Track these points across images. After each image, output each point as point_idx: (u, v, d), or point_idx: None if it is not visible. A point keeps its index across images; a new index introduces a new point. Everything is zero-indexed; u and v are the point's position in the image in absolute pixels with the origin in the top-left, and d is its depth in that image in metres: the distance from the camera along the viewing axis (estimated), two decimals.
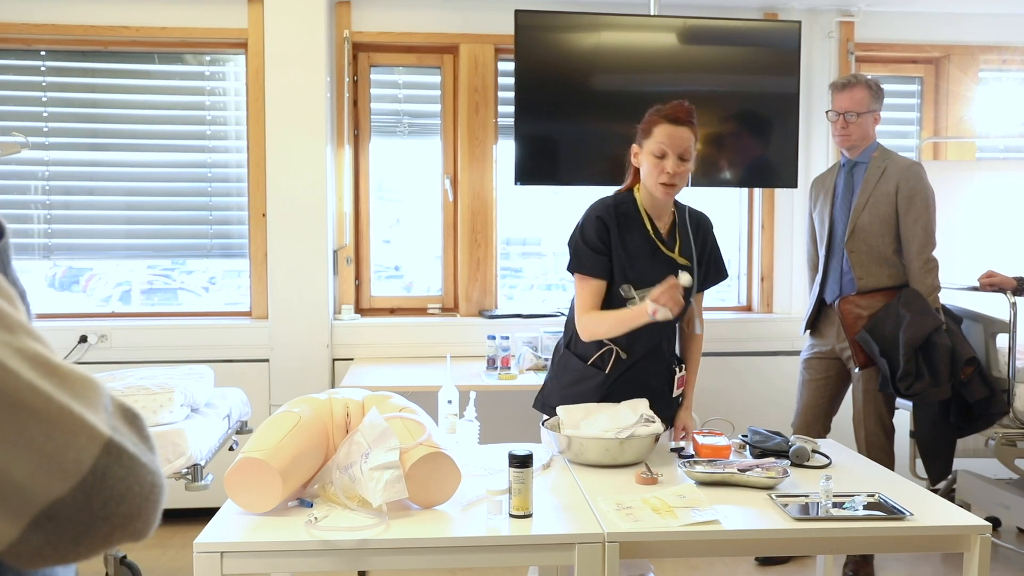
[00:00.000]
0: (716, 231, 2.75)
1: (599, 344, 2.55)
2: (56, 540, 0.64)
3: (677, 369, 2.65)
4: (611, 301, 2.53)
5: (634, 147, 2.56)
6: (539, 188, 4.46)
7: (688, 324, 2.73)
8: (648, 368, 2.59)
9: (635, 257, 2.51)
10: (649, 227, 2.54)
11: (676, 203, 2.63)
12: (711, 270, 2.67)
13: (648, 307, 2.33)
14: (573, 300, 2.59)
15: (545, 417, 2.58)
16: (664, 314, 2.31)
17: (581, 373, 2.58)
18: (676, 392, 2.67)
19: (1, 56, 4.29)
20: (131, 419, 0.70)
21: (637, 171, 2.58)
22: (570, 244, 2.57)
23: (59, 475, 0.62)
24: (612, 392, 2.56)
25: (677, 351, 2.73)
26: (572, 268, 2.54)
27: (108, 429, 0.66)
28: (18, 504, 0.62)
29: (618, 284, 2.51)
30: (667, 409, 2.64)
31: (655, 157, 2.46)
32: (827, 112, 3.61)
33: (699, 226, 2.65)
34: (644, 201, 2.56)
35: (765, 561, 3.72)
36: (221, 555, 1.79)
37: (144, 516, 0.68)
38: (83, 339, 4.16)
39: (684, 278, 2.37)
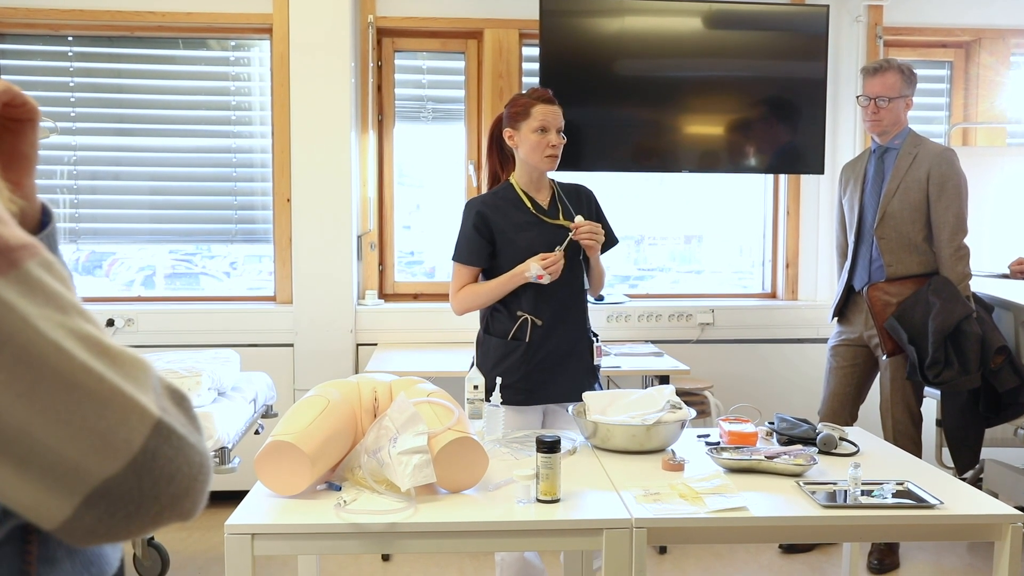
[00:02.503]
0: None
1: (512, 318, 2.72)
2: (108, 518, 0.64)
3: (594, 339, 2.83)
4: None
5: (507, 131, 2.76)
6: (562, 174, 4.44)
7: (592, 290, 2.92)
8: (566, 336, 2.75)
9: (522, 230, 2.72)
10: (529, 204, 2.76)
11: (551, 180, 2.86)
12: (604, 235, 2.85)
13: (531, 268, 2.60)
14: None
15: (499, 406, 2.54)
16: (537, 271, 2.60)
17: (504, 349, 2.73)
18: (597, 360, 2.83)
19: (29, 42, 4.32)
20: (179, 400, 0.71)
21: (495, 173, 2.86)
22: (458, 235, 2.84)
23: (111, 454, 0.63)
24: (537, 361, 2.70)
25: (593, 328, 2.89)
26: (454, 254, 2.81)
27: (158, 410, 0.66)
28: (72, 482, 0.62)
29: (508, 260, 2.71)
30: (590, 376, 2.80)
31: (538, 133, 2.69)
32: (858, 97, 3.57)
33: (579, 195, 2.88)
34: (521, 183, 2.78)
35: (789, 549, 3.71)
36: (252, 537, 1.81)
37: (192, 496, 0.68)
38: (110, 323, 4.20)
39: (579, 219, 2.69)
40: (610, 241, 2.88)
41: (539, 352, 2.71)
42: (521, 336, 2.71)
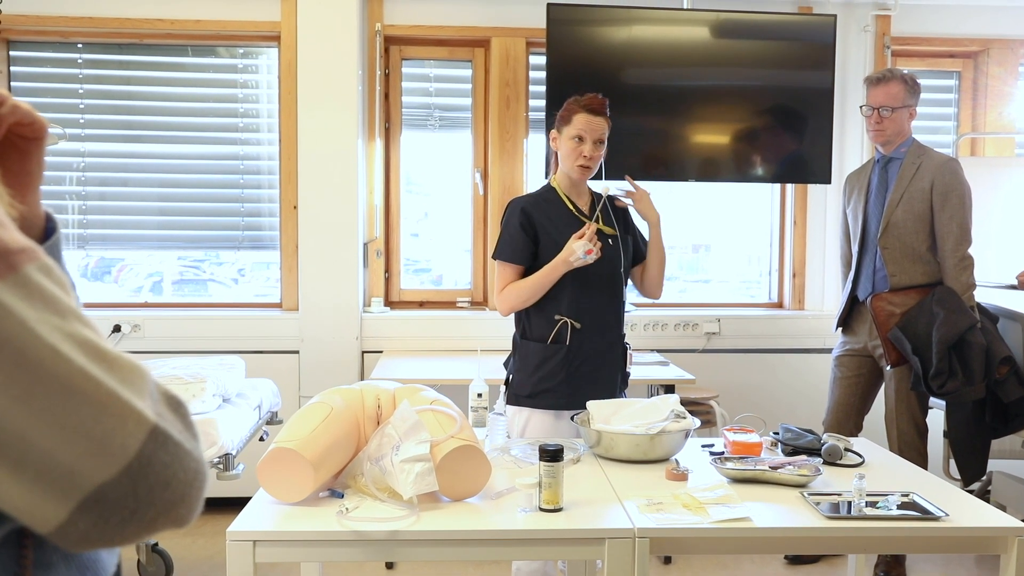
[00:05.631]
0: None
1: (551, 322, 2.72)
2: (103, 523, 0.64)
3: (627, 347, 2.85)
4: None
5: (552, 133, 2.80)
6: None
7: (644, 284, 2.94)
8: (603, 340, 2.76)
9: (563, 232, 2.71)
10: (571, 206, 2.77)
11: (591, 189, 2.87)
12: (637, 247, 2.91)
13: (576, 249, 2.58)
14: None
15: (503, 413, 2.55)
16: (584, 247, 2.57)
17: (543, 354, 2.72)
18: (628, 367, 2.86)
19: (39, 49, 4.34)
20: (175, 406, 0.71)
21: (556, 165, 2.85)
22: (500, 234, 2.83)
23: (106, 459, 0.63)
24: (576, 365, 2.71)
25: (627, 338, 2.90)
26: (494, 255, 2.79)
27: (154, 415, 0.66)
28: (67, 486, 0.63)
29: (549, 259, 2.69)
30: (623, 383, 2.85)
31: (574, 142, 2.69)
32: (861, 107, 3.57)
33: (615, 206, 2.88)
34: (563, 186, 2.80)
35: (795, 560, 3.69)
36: (254, 544, 1.81)
37: (187, 502, 0.68)
38: (117, 328, 4.21)
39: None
40: (642, 254, 2.91)
41: (578, 356, 2.71)
42: (560, 340, 2.71)
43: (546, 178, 2.91)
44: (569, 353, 2.70)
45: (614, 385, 2.78)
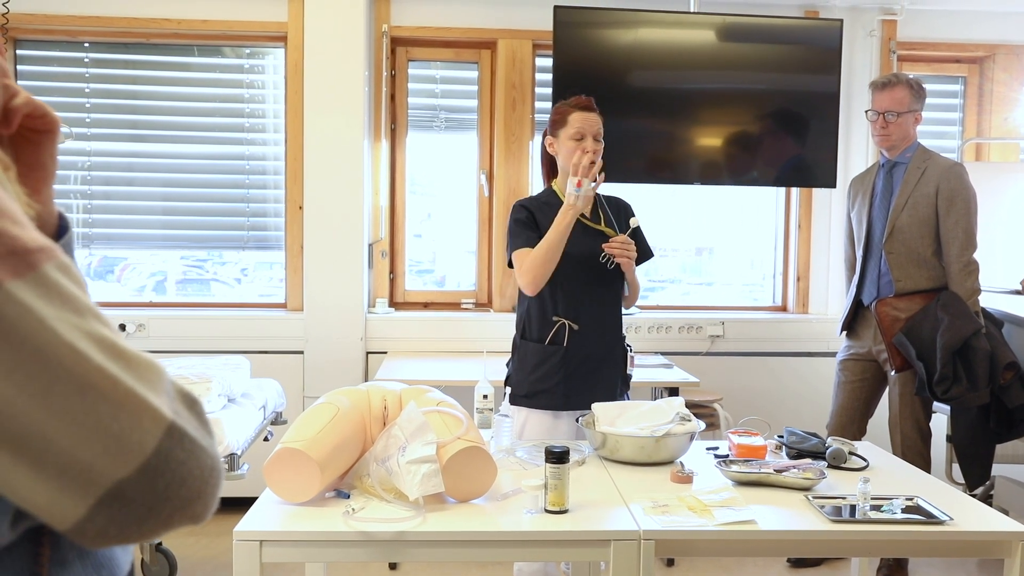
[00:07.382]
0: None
1: (549, 323, 2.72)
2: (120, 520, 0.65)
3: (628, 350, 2.83)
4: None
5: (548, 139, 2.79)
6: None
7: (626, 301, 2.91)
8: (602, 342, 2.75)
9: None
10: None
11: None
12: (639, 249, 2.82)
13: (569, 190, 2.58)
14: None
15: (509, 415, 2.56)
16: (573, 188, 2.55)
17: (541, 354, 2.72)
18: (629, 369, 2.83)
19: (46, 48, 4.36)
20: (191, 404, 0.71)
21: (549, 170, 2.86)
22: (508, 236, 2.79)
23: (124, 456, 0.64)
24: (573, 367, 2.70)
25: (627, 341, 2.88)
26: (509, 252, 2.75)
27: (171, 413, 0.67)
28: (85, 483, 0.63)
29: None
30: (623, 385, 2.82)
31: (574, 141, 2.69)
32: (867, 111, 3.57)
33: (618, 207, 2.88)
34: (563, 190, 2.74)
35: (797, 563, 3.69)
36: (260, 543, 1.81)
37: (203, 499, 0.69)
38: (121, 328, 4.21)
39: (633, 221, 2.78)
40: (644, 255, 2.89)
41: (576, 357, 2.71)
42: (559, 341, 2.71)
43: (547, 183, 2.90)
44: (567, 354, 2.70)
45: (614, 387, 2.77)
